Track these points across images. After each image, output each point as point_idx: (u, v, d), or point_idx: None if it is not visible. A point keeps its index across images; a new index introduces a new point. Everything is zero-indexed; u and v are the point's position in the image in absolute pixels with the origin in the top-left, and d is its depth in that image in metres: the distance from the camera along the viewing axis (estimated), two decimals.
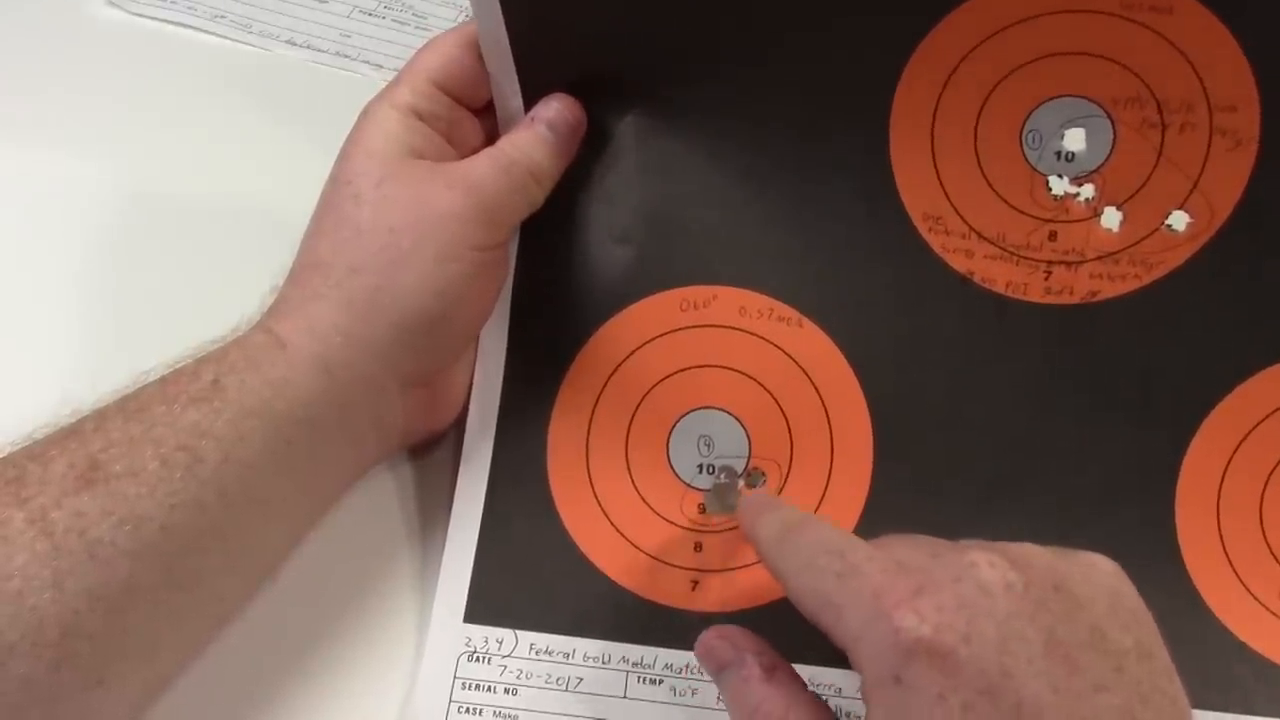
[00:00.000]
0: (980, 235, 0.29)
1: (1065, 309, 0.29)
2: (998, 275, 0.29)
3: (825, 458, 0.30)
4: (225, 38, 0.42)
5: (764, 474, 0.30)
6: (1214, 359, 0.29)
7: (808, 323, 0.30)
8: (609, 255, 0.31)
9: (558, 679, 0.29)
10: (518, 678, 0.29)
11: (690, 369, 0.30)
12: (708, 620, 0.29)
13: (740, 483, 0.30)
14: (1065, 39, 0.27)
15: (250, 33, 0.43)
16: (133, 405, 0.25)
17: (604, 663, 0.29)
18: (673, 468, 0.30)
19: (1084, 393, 0.29)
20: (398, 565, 0.30)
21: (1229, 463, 0.29)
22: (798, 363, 0.30)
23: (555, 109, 0.29)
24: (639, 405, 0.30)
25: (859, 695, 0.21)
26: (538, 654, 0.29)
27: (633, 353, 0.31)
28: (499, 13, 0.28)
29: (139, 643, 0.24)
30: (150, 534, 0.23)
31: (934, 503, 0.29)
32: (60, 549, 0.22)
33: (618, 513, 0.30)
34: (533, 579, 0.30)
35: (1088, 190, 0.28)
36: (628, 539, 0.30)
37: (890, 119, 0.29)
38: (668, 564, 0.30)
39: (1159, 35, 0.27)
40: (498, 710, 0.28)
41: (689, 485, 0.30)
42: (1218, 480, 0.29)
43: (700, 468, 0.30)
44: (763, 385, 0.30)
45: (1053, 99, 0.28)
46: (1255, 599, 0.29)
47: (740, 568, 0.30)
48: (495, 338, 0.31)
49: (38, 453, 0.24)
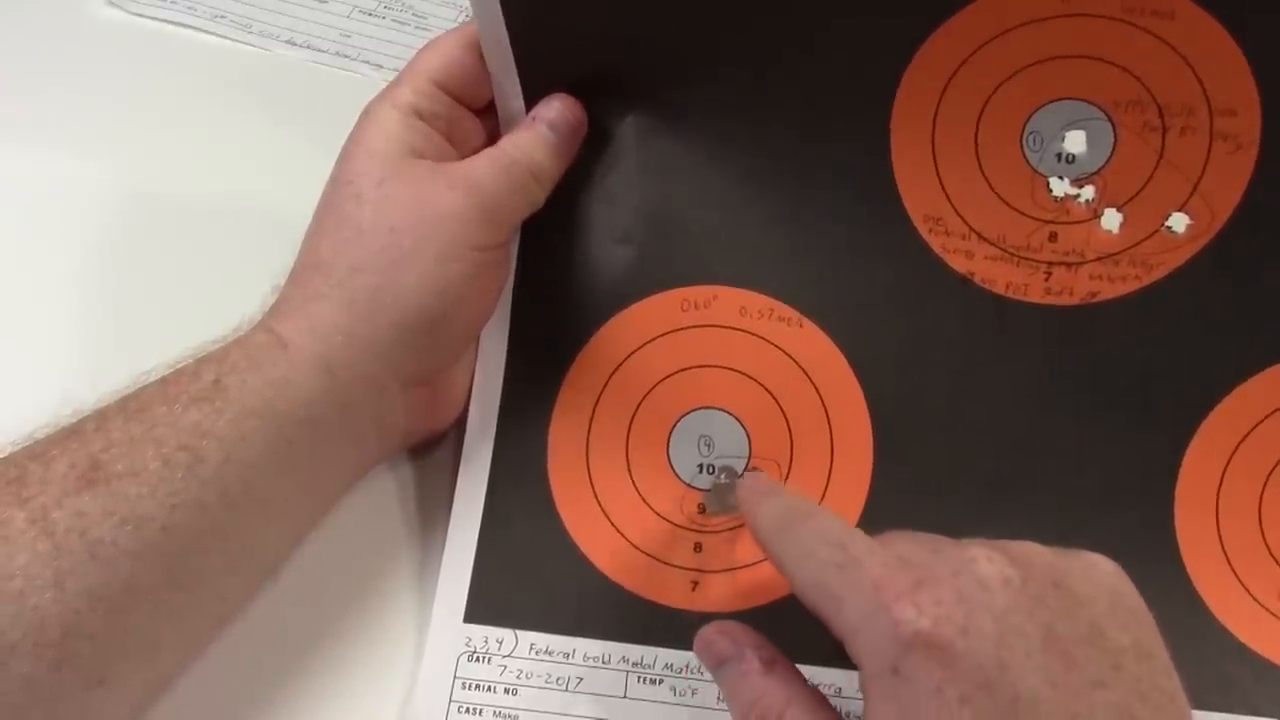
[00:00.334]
0: (980, 236, 0.29)
1: (1065, 310, 0.29)
2: (998, 276, 0.29)
3: (825, 458, 0.30)
4: (225, 38, 0.42)
5: (764, 474, 0.30)
6: (1213, 360, 0.29)
7: (808, 323, 0.30)
8: (610, 255, 0.31)
9: (558, 679, 0.29)
10: (518, 678, 0.29)
11: (691, 369, 0.30)
12: (708, 620, 0.29)
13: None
14: (1067, 42, 0.27)
15: (250, 33, 0.42)
16: (134, 405, 0.25)
17: (604, 663, 0.29)
18: (673, 468, 0.30)
19: (1084, 393, 0.29)
20: (398, 565, 0.31)
21: (1228, 463, 0.29)
22: (798, 363, 0.30)
23: (556, 109, 0.29)
24: (639, 405, 0.30)
25: (859, 695, 0.21)
26: (538, 654, 0.29)
27: (633, 353, 0.31)
28: (500, 13, 0.28)
29: (140, 643, 0.24)
30: (151, 534, 0.23)
31: (934, 503, 0.29)
32: (61, 549, 0.22)
33: (618, 512, 0.30)
34: (533, 579, 0.30)
35: (1088, 192, 0.28)
36: (628, 539, 0.30)
37: (891, 120, 0.29)
38: (668, 564, 0.30)
39: (1160, 39, 0.27)
40: (498, 710, 0.28)
41: (689, 485, 0.30)
42: (1217, 481, 0.29)
43: (700, 468, 0.30)
44: (763, 385, 0.30)
45: (1054, 101, 0.28)
46: (1254, 599, 0.29)
47: (740, 568, 0.30)
48: (496, 338, 0.31)
49: (39, 452, 0.24)
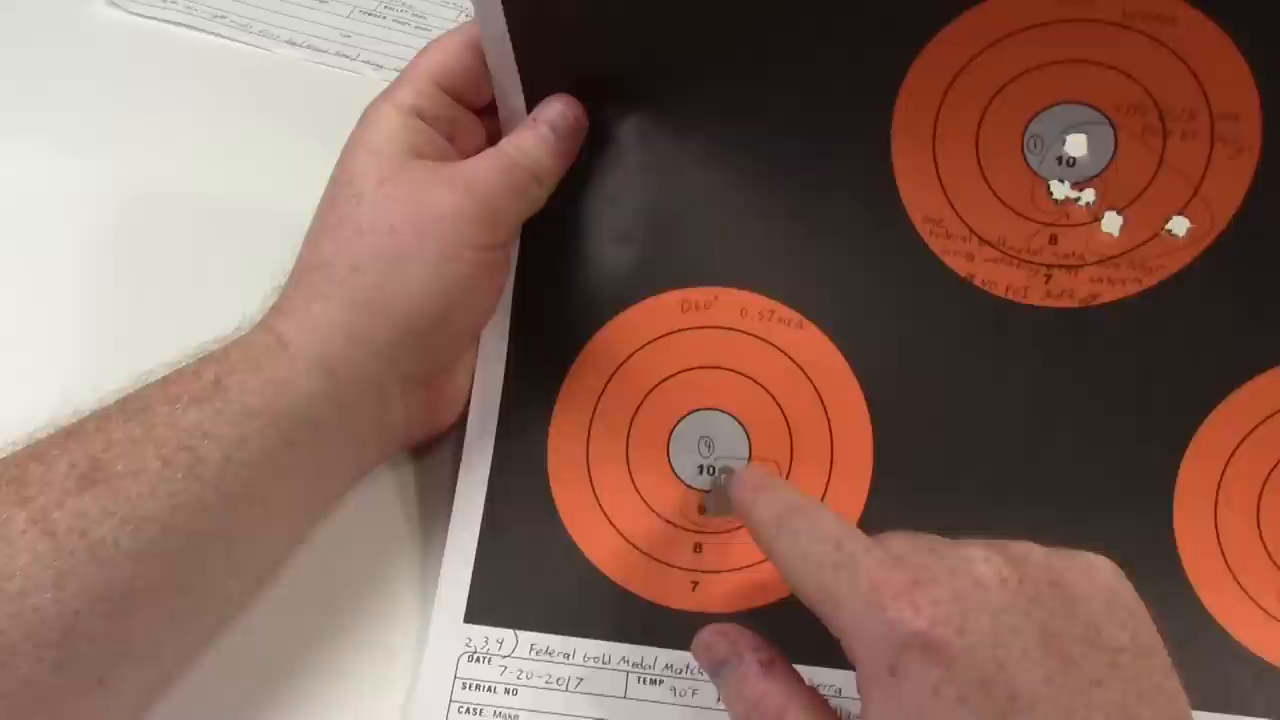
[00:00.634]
0: (981, 238, 0.29)
1: (1065, 312, 0.29)
2: (998, 278, 0.29)
3: (825, 459, 0.30)
4: (225, 38, 0.42)
5: (758, 467, 0.30)
6: (1212, 363, 0.29)
7: (808, 324, 0.30)
8: (610, 256, 0.31)
9: (558, 679, 0.29)
10: (518, 678, 0.29)
11: (691, 370, 0.30)
12: (708, 620, 0.29)
13: None
14: (1068, 46, 0.27)
15: (250, 33, 0.42)
16: (134, 405, 0.25)
17: (604, 663, 0.29)
18: (673, 469, 0.30)
19: (1083, 395, 0.29)
20: (398, 565, 0.31)
21: (1227, 466, 0.29)
22: (798, 364, 0.30)
23: (557, 109, 0.29)
24: (640, 406, 0.31)
25: (859, 696, 0.21)
26: (538, 654, 0.29)
27: (633, 353, 0.31)
28: (501, 13, 0.28)
29: (141, 643, 0.24)
30: (152, 534, 0.23)
31: (933, 503, 0.29)
32: (62, 549, 0.22)
33: (618, 513, 0.30)
34: (533, 579, 0.30)
35: (1089, 195, 0.28)
36: (628, 539, 0.30)
37: (893, 122, 0.29)
38: (668, 564, 0.30)
39: (1161, 44, 0.27)
40: (498, 710, 0.28)
41: (689, 486, 0.30)
42: (1215, 483, 0.29)
43: (701, 469, 0.30)
44: (763, 387, 0.30)
45: (1055, 105, 0.28)
46: (1253, 601, 0.29)
47: (740, 569, 0.30)
48: (496, 338, 0.31)
49: (39, 453, 0.24)
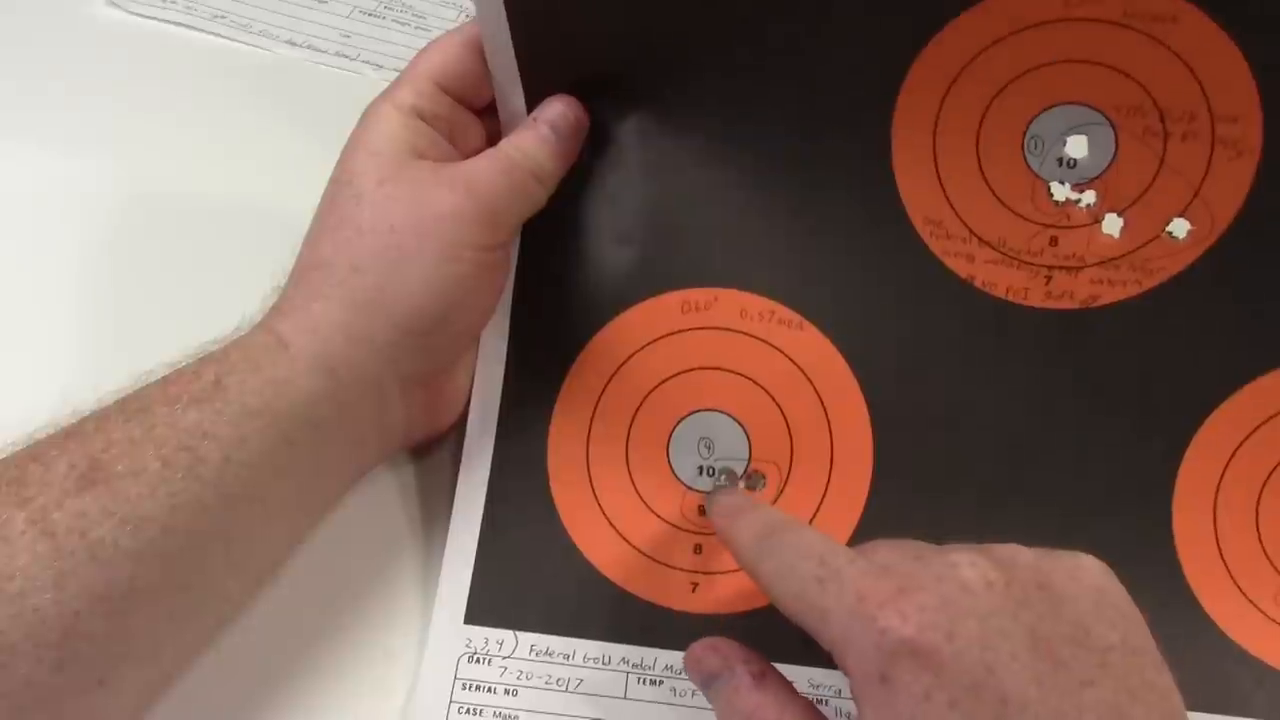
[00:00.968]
0: (981, 240, 0.29)
1: (1065, 314, 0.29)
2: (999, 280, 0.29)
3: (825, 460, 0.30)
4: (225, 38, 0.42)
5: (764, 476, 0.30)
6: (1212, 365, 0.29)
7: (808, 326, 0.30)
8: (610, 256, 0.31)
9: (558, 680, 0.29)
10: (518, 679, 0.29)
11: (691, 371, 0.30)
12: (707, 621, 0.29)
13: (740, 485, 0.30)
14: (1069, 47, 0.27)
15: (250, 33, 0.42)
16: (134, 405, 0.25)
17: (604, 664, 0.29)
18: (673, 470, 0.30)
19: (1083, 397, 0.29)
20: (399, 566, 0.31)
21: (1226, 468, 0.29)
22: (798, 365, 0.30)
23: (558, 110, 0.29)
24: (639, 407, 0.31)
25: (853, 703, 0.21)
26: (538, 655, 0.29)
27: (633, 354, 0.31)
28: (502, 13, 0.28)
29: (141, 643, 0.24)
30: (151, 535, 0.23)
31: (933, 505, 0.30)
32: (62, 549, 0.22)
33: (618, 514, 0.30)
34: (533, 580, 0.30)
35: (1089, 196, 0.28)
36: (628, 540, 0.30)
37: (893, 123, 0.29)
38: (668, 565, 0.30)
39: (1162, 45, 0.27)
40: (498, 711, 0.28)
41: (689, 487, 0.30)
42: (1214, 485, 0.29)
43: (700, 470, 0.30)
44: (763, 388, 0.30)
45: (1055, 106, 0.28)
46: (1251, 603, 0.29)
47: (740, 570, 0.30)
48: (496, 339, 0.31)
49: (39, 453, 0.24)
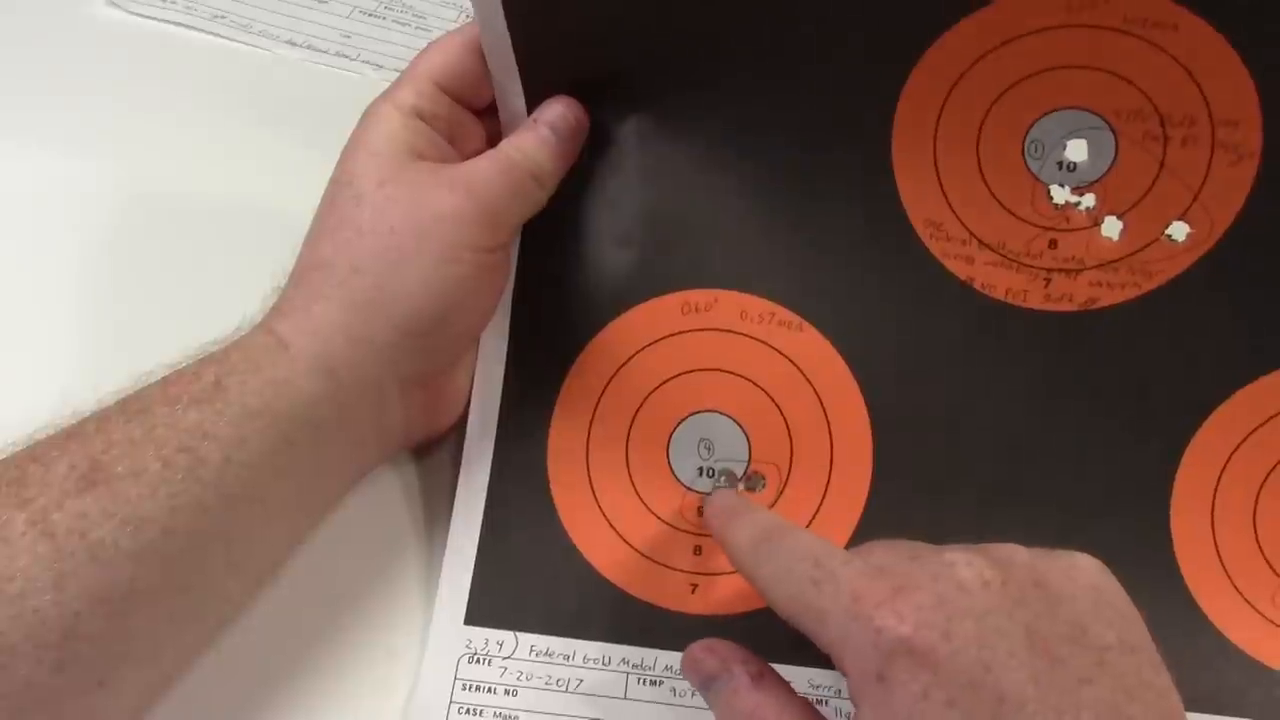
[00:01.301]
0: (981, 242, 0.29)
1: (1064, 316, 0.29)
2: (998, 282, 0.29)
3: (825, 462, 0.30)
4: (225, 38, 0.42)
5: (764, 478, 0.30)
6: (1210, 367, 0.29)
7: (808, 327, 0.30)
8: (610, 258, 0.31)
9: (558, 680, 0.29)
10: (518, 679, 0.29)
11: (691, 372, 0.30)
12: (707, 622, 0.29)
13: (740, 486, 0.30)
14: (1070, 53, 0.27)
15: (250, 33, 0.42)
16: (134, 406, 0.25)
17: (604, 664, 0.29)
18: (673, 471, 0.30)
19: (1082, 399, 0.29)
20: (400, 566, 0.31)
21: (1224, 469, 0.29)
22: (798, 367, 0.30)
23: (558, 111, 0.29)
24: (639, 408, 0.31)
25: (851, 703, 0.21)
26: (538, 655, 0.29)
27: (633, 355, 0.31)
28: (502, 14, 0.28)
29: (141, 644, 0.24)
30: (151, 535, 0.23)
31: (933, 507, 0.30)
32: (62, 550, 0.22)
33: (618, 515, 0.30)
34: (533, 581, 0.30)
35: (1089, 199, 0.29)
36: (627, 541, 0.30)
37: (893, 125, 0.29)
38: (667, 566, 0.30)
39: (1162, 50, 0.27)
40: (498, 711, 0.28)
41: (689, 488, 0.30)
42: (1213, 487, 0.29)
43: (700, 471, 0.30)
44: (763, 389, 0.30)
45: (1056, 110, 0.28)
46: (1249, 604, 0.29)
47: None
48: (496, 340, 0.31)
49: (39, 454, 0.24)
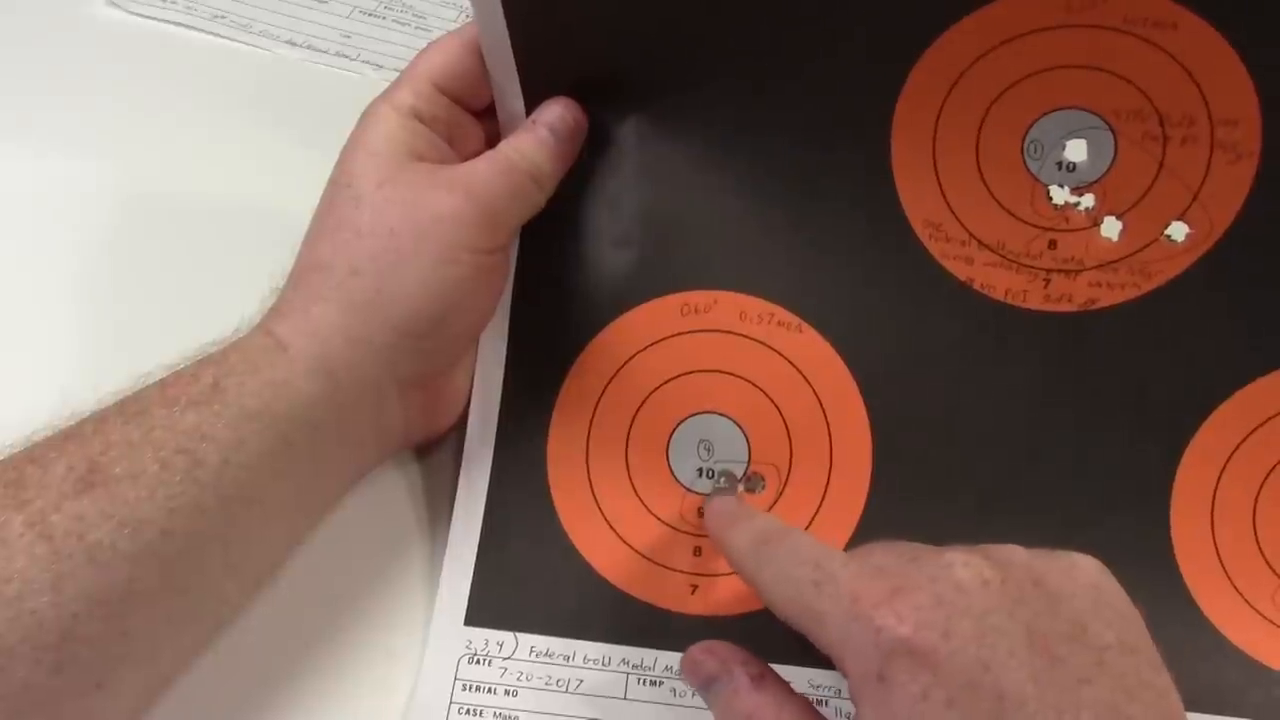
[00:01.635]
0: (980, 243, 0.29)
1: (1064, 317, 0.29)
2: (997, 282, 0.29)
3: (824, 463, 0.30)
4: (225, 38, 0.42)
5: (763, 479, 0.30)
6: (1210, 368, 0.29)
7: (807, 328, 0.30)
8: (610, 259, 0.31)
9: (558, 681, 0.29)
10: (518, 679, 0.29)
11: (690, 373, 0.30)
12: (707, 623, 0.29)
13: (740, 487, 0.30)
14: (1069, 52, 0.27)
15: (250, 33, 0.42)
16: (132, 408, 0.25)
17: (604, 665, 0.29)
18: (672, 472, 0.30)
19: (1081, 400, 0.29)
20: (400, 566, 0.31)
21: (1223, 469, 0.29)
22: (798, 368, 0.30)
23: (556, 112, 0.29)
24: (639, 409, 0.31)
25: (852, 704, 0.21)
26: (538, 656, 0.29)
27: (633, 357, 0.31)
28: (501, 15, 0.28)
29: (139, 646, 0.24)
30: (150, 537, 0.23)
31: (932, 507, 0.30)
32: (59, 552, 0.22)
33: (617, 516, 0.30)
34: (533, 582, 0.30)
35: (1088, 200, 0.28)
36: (627, 542, 0.30)
37: (893, 126, 0.29)
38: (667, 567, 0.30)
39: (1162, 50, 0.27)
40: (498, 711, 0.28)
41: (689, 489, 0.30)
42: (1212, 487, 0.29)
43: (700, 472, 0.30)
44: (762, 390, 0.30)
45: (1055, 110, 0.28)
46: (1249, 604, 0.29)
47: None
48: (495, 341, 0.31)
49: (37, 455, 0.24)
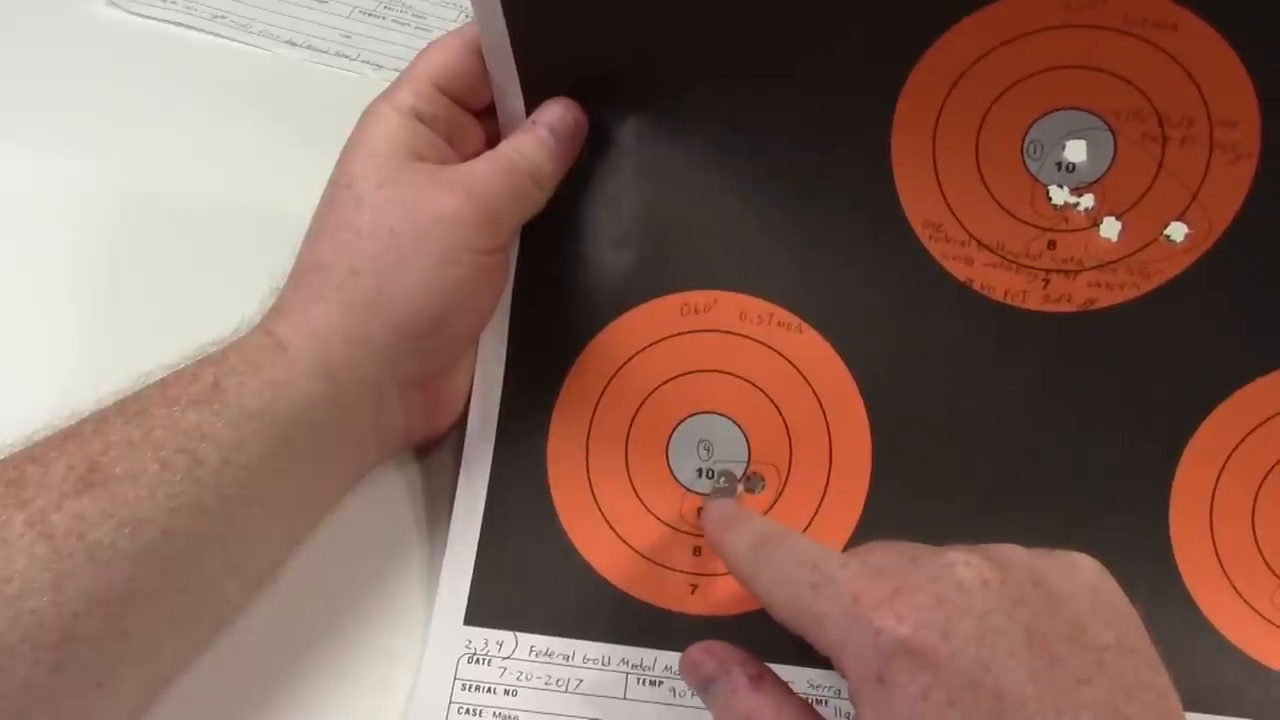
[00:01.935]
0: (980, 243, 0.29)
1: (1063, 317, 0.29)
2: (997, 283, 0.29)
3: (824, 463, 0.30)
4: (225, 38, 0.42)
5: (763, 479, 0.30)
6: (1209, 368, 0.29)
7: (807, 328, 0.30)
8: (609, 259, 0.31)
9: (557, 680, 0.29)
10: (518, 679, 0.29)
11: (690, 373, 0.30)
12: (707, 623, 0.29)
13: (740, 487, 0.30)
14: (1069, 53, 0.27)
15: (250, 33, 0.42)
16: (132, 408, 0.25)
17: (604, 664, 0.29)
18: (672, 472, 0.30)
19: (1081, 400, 0.29)
20: (400, 566, 0.31)
21: (1223, 469, 0.29)
22: (797, 368, 0.30)
23: (556, 112, 0.29)
24: (639, 409, 0.31)
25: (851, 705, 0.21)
26: (537, 656, 0.29)
27: (633, 357, 0.31)
28: (501, 15, 0.28)
29: (139, 645, 0.24)
30: (150, 537, 0.23)
31: (932, 507, 0.30)
32: (60, 552, 0.22)
33: (617, 516, 0.30)
34: (533, 581, 0.30)
35: (1087, 200, 0.29)
36: (627, 542, 0.30)
37: (893, 126, 0.29)
38: (667, 567, 0.30)
39: (1161, 50, 0.27)
40: (497, 711, 0.28)
41: (688, 489, 0.30)
42: (1211, 487, 0.29)
43: (700, 472, 0.30)
44: (762, 390, 0.30)
45: (1055, 111, 0.28)
46: (1248, 604, 0.29)
47: None
48: (495, 341, 0.31)
49: (37, 455, 0.24)
